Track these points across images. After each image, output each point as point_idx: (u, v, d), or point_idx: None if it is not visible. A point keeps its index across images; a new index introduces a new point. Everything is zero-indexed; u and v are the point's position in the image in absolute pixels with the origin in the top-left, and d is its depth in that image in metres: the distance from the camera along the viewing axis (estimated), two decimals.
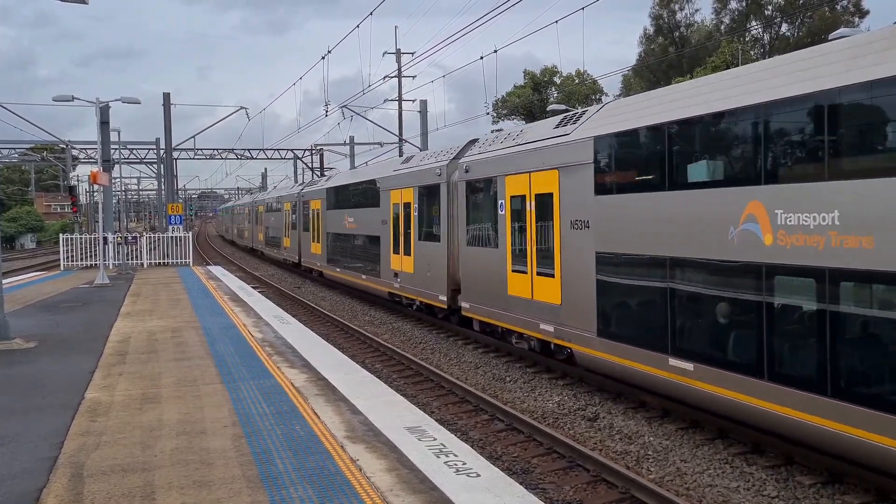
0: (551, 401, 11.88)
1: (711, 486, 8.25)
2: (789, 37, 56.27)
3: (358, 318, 21.89)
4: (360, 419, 7.49)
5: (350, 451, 6.51)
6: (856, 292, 7.48)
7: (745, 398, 8.57)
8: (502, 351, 15.52)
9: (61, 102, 26.91)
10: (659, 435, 9.96)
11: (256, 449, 6.62)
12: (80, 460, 6.42)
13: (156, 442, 6.90)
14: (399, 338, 18.34)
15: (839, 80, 7.49)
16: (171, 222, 34.27)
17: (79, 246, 31.16)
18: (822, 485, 8.07)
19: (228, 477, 5.95)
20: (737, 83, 9.04)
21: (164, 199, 43.06)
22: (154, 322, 14.73)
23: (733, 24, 58.60)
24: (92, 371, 10.10)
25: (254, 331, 13.39)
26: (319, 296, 27.74)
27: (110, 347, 11.94)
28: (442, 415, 11.36)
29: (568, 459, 9.19)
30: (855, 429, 7.26)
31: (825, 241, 7.55)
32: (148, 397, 8.60)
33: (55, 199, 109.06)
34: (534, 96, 61.95)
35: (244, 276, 34.33)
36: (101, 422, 7.61)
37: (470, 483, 5.72)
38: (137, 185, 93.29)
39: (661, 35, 64.15)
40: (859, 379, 7.46)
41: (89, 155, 50.73)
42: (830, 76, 7.62)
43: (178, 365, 10.41)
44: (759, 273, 8.37)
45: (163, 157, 41.72)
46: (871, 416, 7.10)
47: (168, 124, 35.32)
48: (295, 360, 10.58)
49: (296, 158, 58.27)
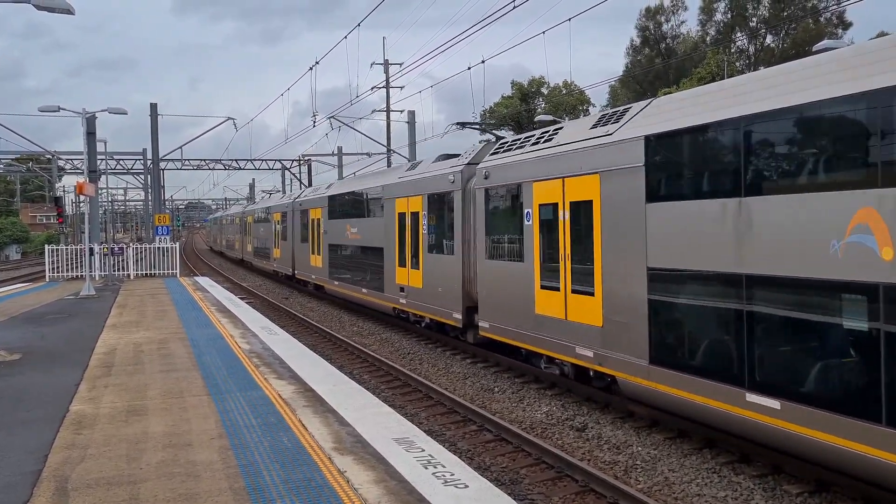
0: (540, 411, 11.87)
1: (699, 496, 8.26)
2: (774, 48, 56.84)
3: (346, 328, 21.83)
4: (347, 430, 7.46)
5: (338, 462, 6.48)
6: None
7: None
8: (491, 361, 15.50)
9: (47, 113, 26.82)
10: (647, 445, 9.97)
11: (243, 461, 6.58)
12: (65, 474, 6.36)
13: (141, 455, 6.84)
14: (387, 348, 18.30)
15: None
16: (158, 233, 34.09)
17: (64, 257, 30.94)
18: (809, 494, 8.09)
19: (215, 489, 5.90)
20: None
21: (150, 210, 42.85)
22: (140, 333, 14.62)
23: (719, 35, 59.15)
24: (77, 383, 10.01)
25: (241, 342, 13.32)
26: (307, 306, 27.65)
27: (96, 359, 11.84)
28: (430, 426, 11.32)
29: (556, 470, 9.18)
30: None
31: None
32: (134, 409, 8.53)
33: (41, 209, 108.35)
34: (521, 107, 62.19)
35: (232, 286, 34.19)
36: (87, 434, 7.54)
37: (458, 494, 5.70)
38: (124, 196, 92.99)
39: (647, 46, 64.71)
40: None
41: (76, 165, 50.52)
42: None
43: (165, 377, 10.34)
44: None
45: (149, 167, 41.55)
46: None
47: (155, 134, 35.22)
48: (282, 372, 10.53)
49: (284, 169, 58.24)
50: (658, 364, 9.70)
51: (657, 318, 9.79)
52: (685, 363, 9.26)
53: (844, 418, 7.13)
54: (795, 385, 7.77)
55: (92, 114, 28.06)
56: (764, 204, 8.09)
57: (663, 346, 9.71)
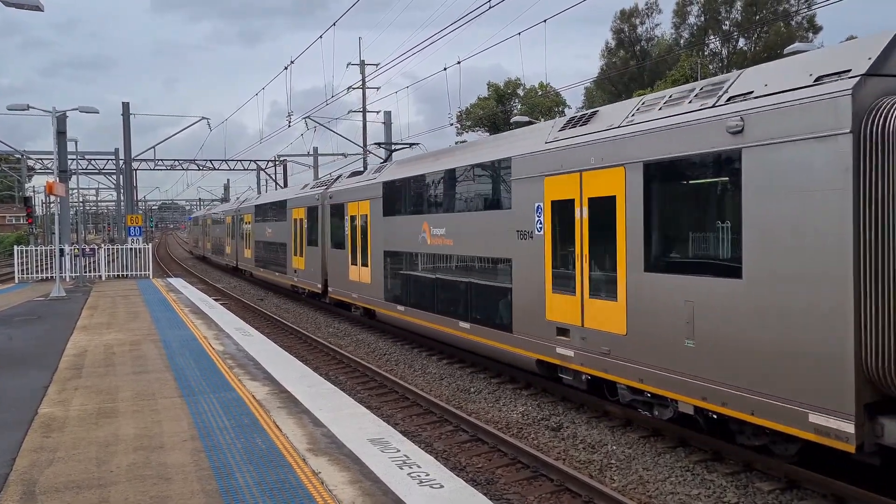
0: (515, 411, 11.89)
1: (673, 494, 8.32)
2: (746, 51, 57.55)
3: (321, 329, 21.70)
4: (322, 431, 7.41)
5: (312, 463, 6.43)
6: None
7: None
8: (467, 362, 15.50)
9: (16, 112, 26.39)
10: (622, 444, 10.02)
11: (216, 463, 6.51)
12: (33, 477, 6.24)
13: (112, 457, 6.74)
14: (363, 349, 18.22)
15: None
16: (131, 234, 33.67)
17: (34, 258, 30.44)
18: (780, 491, 8.18)
19: (187, 492, 5.83)
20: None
21: (122, 211, 42.32)
22: (112, 335, 14.42)
23: (692, 38, 59.78)
24: (46, 386, 9.84)
25: (215, 343, 13.18)
26: (283, 308, 27.45)
27: (66, 361, 11.66)
28: (406, 426, 11.29)
29: (532, 469, 9.19)
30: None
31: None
32: (104, 412, 8.40)
33: (10, 210, 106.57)
34: (497, 108, 62.35)
35: (206, 288, 33.86)
36: (55, 437, 7.41)
37: (433, 494, 5.68)
38: (96, 197, 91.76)
39: (622, 48, 65.25)
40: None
41: (46, 165, 49.74)
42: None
43: (136, 378, 10.20)
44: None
45: (122, 167, 41.04)
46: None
47: (127, 134, 34.77)
48: (257, 373, 10.44)
49: (259, 170, 57.84)
50: (391, 301, 18.18)
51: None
52: (406, 303, 17.30)
53: (496, 331, 13.14)
54: (471, 315, 14.15)
55: (62, 112, 27.65)
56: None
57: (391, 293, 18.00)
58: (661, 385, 9.28)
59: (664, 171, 9.28)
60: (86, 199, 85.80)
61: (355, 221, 21.23)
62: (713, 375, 8.46)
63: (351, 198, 21.63)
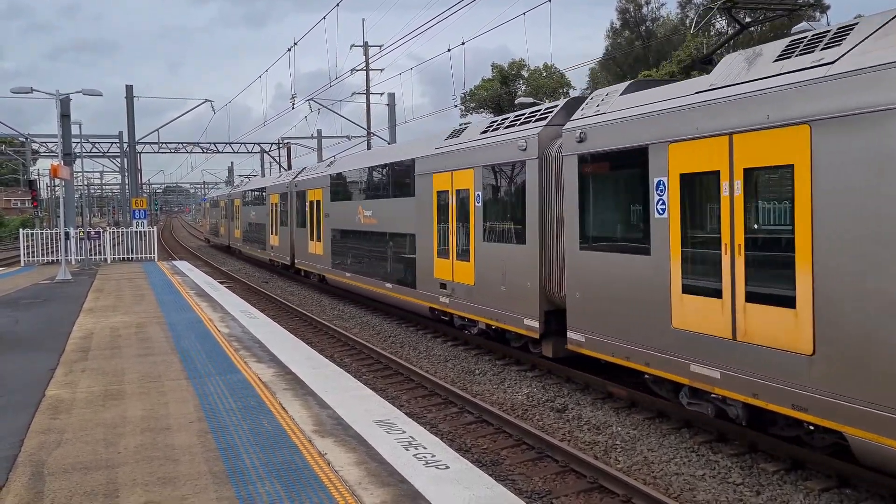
0: (520, 393, 11.92)
1: (678, 475, 8.34)
2: (753, 31, 57.00)
3: (326, 312, 21.75)
4: (328, 413, 7.44)
5: (318, 445, 6.46)
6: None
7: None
8: (472, 344, 15.53)
9: (20, 95, 26.31)
10: (626, 425, 10.05)
11: (223, 444, 6.54)
12: (41, 458, 6.29)
13: (119, 439, 6.78)
14: (368, 332, 18.27)
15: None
16: (136, 217, 33.71)
17: (40, 241, 30.52)
18: (785, 471, 8.20)
19: (194, 473, 5.86)
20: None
21: (127, 194, 42.34)
22: (118, 318, 14.48)
23: (698, 18, 59.25)
24: (53, 368, 9.89)
25: (220, 325, 13.22)
26: (288, 290, 27.51)
27: (72, 344, 11.71)
28: (411, 408, 11.34)
29: (537, 450, 9.23)
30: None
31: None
32: (111, 394, 8.45)
33: (15, 193, 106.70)
34: (502, 89, 62.03)
35: (211, 271, 33.93)
36: (63, 419, 7.46)
37: (439, 475, 5.71)
38: (101, 180, 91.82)
39: (627, 29, 64.70)
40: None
41: (50, 149, 49.71)
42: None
43: (143, 361, 10.25)
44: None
45: (126, 150, 41.00)
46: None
47: (131, 116, 34.71)
48: (262, 355, 10.47)
49: (263, 152, 57.78)
50: (337, 268, 22.75)
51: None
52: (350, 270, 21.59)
53: (406, 287, 17.32)
54: (391, 277, 18.40)
55: (66, 95, 27.61)
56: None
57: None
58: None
59: (490, 171, 14.24)
60: (90, 182, 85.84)
61: (313, 206, 25.67)
62: (496, 307, 13.79)
63: (310, 186, 26.34)
